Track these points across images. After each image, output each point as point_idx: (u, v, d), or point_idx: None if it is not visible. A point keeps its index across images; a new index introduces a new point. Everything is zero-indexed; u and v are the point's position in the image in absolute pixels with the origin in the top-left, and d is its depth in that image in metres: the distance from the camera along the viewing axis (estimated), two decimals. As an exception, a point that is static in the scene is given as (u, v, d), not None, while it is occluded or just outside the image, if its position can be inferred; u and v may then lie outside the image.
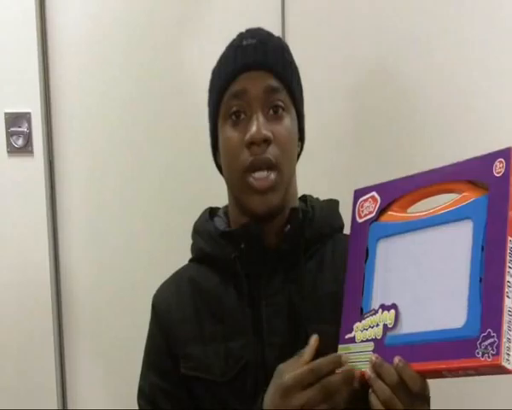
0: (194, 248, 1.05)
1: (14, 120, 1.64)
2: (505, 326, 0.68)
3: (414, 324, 0.78)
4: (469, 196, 0.78)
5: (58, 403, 1.70)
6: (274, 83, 0.93)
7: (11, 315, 1.69)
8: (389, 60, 1.50)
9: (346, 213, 1.03)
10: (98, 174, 1.66)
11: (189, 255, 1.06)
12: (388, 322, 0.80)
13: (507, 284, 0.70)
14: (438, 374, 0.74)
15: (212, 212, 1.06)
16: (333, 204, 1.05)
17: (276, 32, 1.26)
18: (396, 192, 0.87)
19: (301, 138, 1.01)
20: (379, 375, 0.76)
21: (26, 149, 1.65)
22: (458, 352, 0.71)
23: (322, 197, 1.07)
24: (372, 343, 0.80)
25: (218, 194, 1.06)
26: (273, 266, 0.95)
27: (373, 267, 0.85)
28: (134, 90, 1.62)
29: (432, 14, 1.47)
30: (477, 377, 1.48)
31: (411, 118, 1.50)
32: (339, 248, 0.99)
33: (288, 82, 0.95)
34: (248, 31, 0.98)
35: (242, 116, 0.93)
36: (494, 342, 0.68)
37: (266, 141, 0.91)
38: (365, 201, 0.90)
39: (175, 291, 1.02)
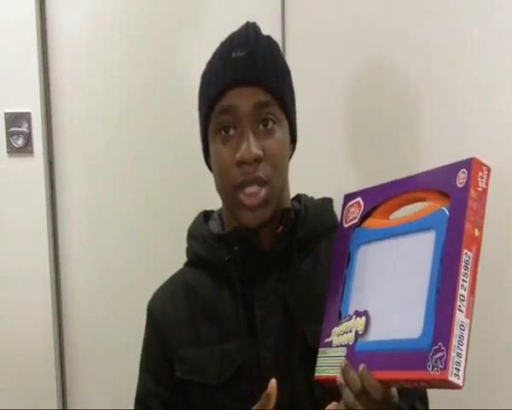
0: (188, 252, 1.05)
1: (14, 120, 1.64)
2: (455, 341, 0.68)
3: (380, 332, 0.78)
4: (435, 206, 0.78)
5: (58, 403, 1.70)
6: (264, 98, 0.91)
7: (11, 315, 1.69)
8: (389, 60, 1.50)
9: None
10: (98, 174, 1.66)
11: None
12: (359, 328, 0.80)
13: (459, 297, 0.69)
14: (397, 384, 0.75)
15: (206, 215, 1.06)
16: (326, 203, 1.04)
17: (276, 32, 1.28)
18: (377, 198, 0.87)
19: (293, 140, 0.99)
20: (345, 381, 0.77)
21: (26, 149, 1.65)
22: (413, 363, 0.71)
23: (319, 196, 1.07)
24: (345, 349, 0.81)
25: (218, 195, 1.06)
26: (267, 268, 0.95)
27: (353, 272, 0.86)
28: (134, 91, 1.62)
29: (431, 14, 1.47)
30: (477, 377, 1.48)
31: (411, 118, 1.50)
32: (333, 246, 0.98)
33: (280, 94, 0.93)
34: (239, 38, 0.95)
35: (232, 132, 0.91)
36: (443, 356, 0.68)
37: (257, 160, 0.90)
38: (351, 206, 0.91)
39: (169, 296, 1.02)
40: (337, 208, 1.03)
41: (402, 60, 1.49)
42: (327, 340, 0.85)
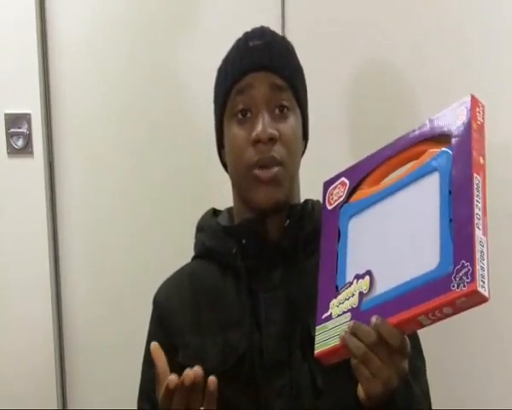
0: (196, 245, 1.06)
1: (14, 121, 1.64)
2: (478, 255, 0.69)
3: (388, 281, 0.77)
4: (434, 152, 0.79)
5: (58, 403, 1.70)
6: (279, 81, 0.95)
7: (11, 315, 1.69)
8: (390, 59, 1.50)
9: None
10: (98, 175, 1.66)
11: (189, 258, 1.07)
12: (363, 288, 0.79)
13: (476, 216, 0.71)
14: (416, 323, 0.73)
15: (215, 212, 1.08)
16: None
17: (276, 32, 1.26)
18: (364, 171, 0.88)
19: (305, 138, 1.03)
20: (358, 337, 0.75)
21: (26, 150, 1.65)
22: (433, 292, 0.71)
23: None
24: (349, 314, 0.79)
25: (219, 196, 1.06)
26: (273, 261, 0.97)
27: (345, 245, 0.85)
28: (134, 91, 1.62)
29: (432, 13, 1.47)
30: (476, 377, 1.48)
31: (411, 117, 1.50)
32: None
33: (293, 82, 0.97)
34: (254, 31, 1.00)
35: (248, 114, 0.95)
36: (468, 270, 0.68)
37: (272, 139, 0.92)
38: (334, 188, 0.90)
39: (175, 285, 1.04)
40: None
41: (402, 59, 1.49)
42: (325, 315, 0.82)
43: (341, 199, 0.89)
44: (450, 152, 0.77)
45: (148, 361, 1.03)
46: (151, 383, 0.99)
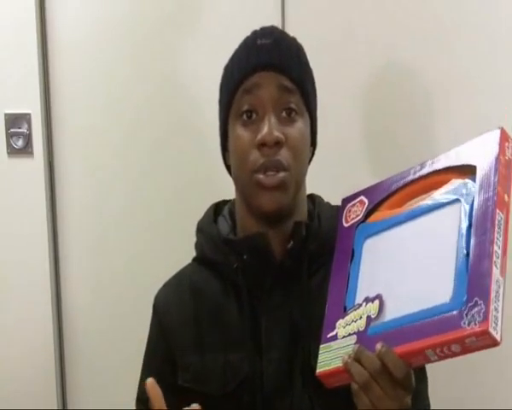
0: (197, 248, 1.03)
1: (14, 121, 1.64)
2: (493, 294, 0.66)
3: (398, 308, 0.75)
4: (457, 182, 0.77)
5: (58, 403, 1.70)
6: (288, 83, 0.91)
7: (11, 315, 1.69)
8: (390, 59, 1.50)
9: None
10: (98, 175, 1.66)
11: (190, 258, 1.06)
12: (372, 312, 0.77)
13: (495, 254, 0.68)
14: (422, 357, 0.71)
15: (217, 209, 1.04)
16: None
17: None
18: (384, 192, 0.86)
19: (313, 143, 0.99)
20: (360, 362, 0.73)
21: (26, 150, 1.64)
22: (443, 326, 0.68)
23: (330, 199, 1.04)
24: (354, 337, 0.78)
25: (220, 196, 1.05)
26: (275, 281, 0.93)
27: (358, 265, 0.84)
28: (134, 91, 1.62)
29: (431, 9, 1.46)
30: (477, 377, 1.48)
31: (412, 117, 1.50)
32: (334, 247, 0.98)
33: (302, 84, 0.93)
34: (263, 29, 0.96)
35: (254, 116, 0.90)
36: (481, 309, 0.66)
37: (278, 143, 0.88)
38: (353, 206, 0.89)
39: (176, 294, 1.01)
40: None
41: (404, 57, 1.49)
42: (330, 334, 0.81)
43: (358, 218, 0.87)
44: (475, 184, 0.74)
45: (147, 365, 1.03)
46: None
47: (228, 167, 1.00)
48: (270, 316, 0.92)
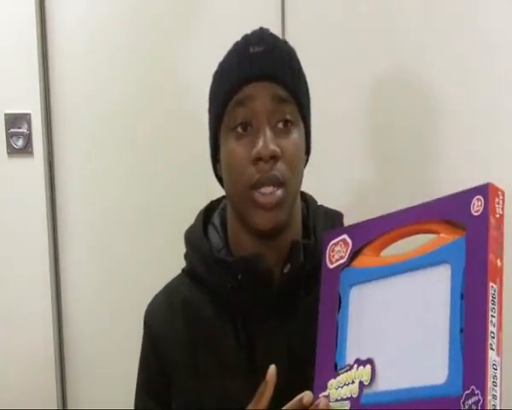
0: (187, 261, 0.99)
1: (14, 120, 1.64)
2: (490, 382, 0.63)
3: (391, 380, 0.72)
4: (446, 238, 0.72)
5: (58, 403, 1.70)
6: (282, 93, 0.87)
7: (11, 315, 1.69)
8: (390, 60, 1.50)
9: (349, 219, 1.02)
10: (98, 175, 1.66)
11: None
12: (364, 379, 0.73)
13: (490, 335, 0.64)
14: None
15: (206, 215, 1.00)
16: (336, 220, 0.97)
17: (276, 32, 1.26)
18: (368, 234, 0.81)
19: (307, 151, 0.95)
20: None
21: (26, 150, 1.65)
22: None
23: (329, 199, 1.02)
24: (348, 402, 0.74)
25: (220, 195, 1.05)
26: (271, 304, 0.89)
27: (346, 317, 0.80)
28: (134, 91, 1.62)
29: (432, 10, 1.46)
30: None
31: (412, 118, 1.50)
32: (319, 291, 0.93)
33: (297, 93, 0.89)
34: (254, 35, 0.91)
35: (248, 129, 0.86)
36: (478, 400, 0.62)
37: (274, 157, 0.84)
38: (336, 244, 0.84)
39: (168, 314, 0.96)
40: (347, 213, 1.00)
41: (404, 59, 1.49)
42: (323, 394, 0.77)
43: (343, 260, 0.82)
44: (464, 245, 0.69)
45: (143, 386, 0.99)
46: (143, 406, 0.98)
47: (219, 178, 0.96)
48: (266, 341, 0.89)
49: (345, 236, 0.83)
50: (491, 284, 0.66)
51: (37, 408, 1.68)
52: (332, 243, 0.84)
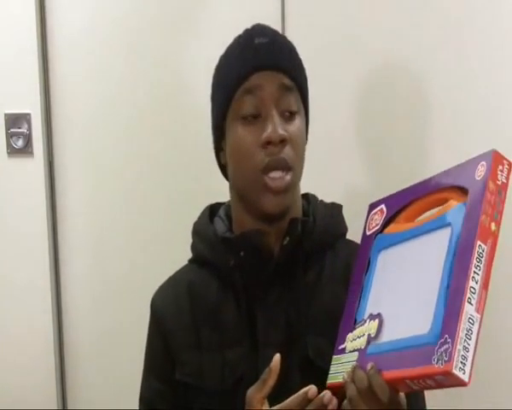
0: (193, 250, 1.04)
1: (14, 121, 1.64)
2: (462, 333, 0.65)
3: (391, 332, 0.76)
4: (454, 203, 0.76)
5: (58, 403, 1.70)
6: (287, 81, 0.92)
7: (11, 315, 1.69)
8: (390, 59, 1.50)
9: (349, 216, 1.03)
10: (98, 175, 1.66)
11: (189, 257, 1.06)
12: (372, 332, 0.78)
13: (470, 289, 0.67)
14: (405, 385, 0.72)
15: (212, 210, 1.05)
16: (335, 210, 1.02)
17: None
18: (399, 204, 0.86)
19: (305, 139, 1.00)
20: (353, 379, 0.76)
21: (26, 150, 1.65)
22: (419, 359, 0.68)
23: (325, 197, 1.05)
24: (357, 353, 0.79)
25: (221, 195, 1.05)
26: (271, 278, 0.94)
27: (371, 278, 0.85)
28: (134, 91, 1.62)
29: (431, 9, 1.46)
30: (477, 377, 1.48)
31: (412, 117, 1.50)
32: (339, 257, 0.98)
33: (300, 81, 0.94)
34: (256, 28, 0.96)
35: (256, 116, 0.91)
36: (448, 348, 0.65)
37: (283, 141, 0.89)
38: (375, 214, 0.89)
39: (173, 295, 1.01)
40: (345, 213, 1.03)
41: (403, 57, 1.48)
42: (341, 347, 0.83)
43: (377, 227, 0.87)
44: (465, 209, 0.72)
45: (148, 366, 1.03)
46: (151, 392, 1.00)
47: (221, 167, 1.00)
48: (267, 313, 0.93)
49: (382, 205, 0.89)
50: (478, 242, 0.68)
51: (37, 408, 1.68)
52: (373, 212, 0.90)
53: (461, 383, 0.65)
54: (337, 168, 1.53)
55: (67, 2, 1.63)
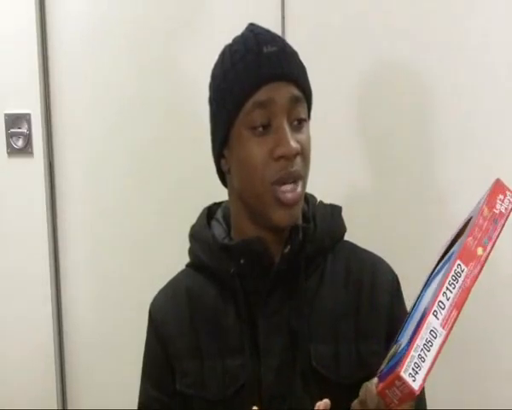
0: (191, 254, 1.02)
1: (14, 121, 1.64)
2: (420, 342, 0.65)
3: (400, 347, 0.76)
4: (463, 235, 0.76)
5: (58, 403, 1.70)
6: (297, 93, 0.90)
7: (10, 315, 1.69)
8: (390, 59, 1.50)
9: (349, 217, 1.03)
10: (98, 175, 1.66)
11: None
12: (390, 355, 0.78)
13: (438, 303, 0.66)
14: (387, 397, 0.71)
15: (210, 212, 1.04)
16: (335, 212, 1.01)
17: (276, 32, 1.27)
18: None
19: None
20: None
21: (26, 150, 1.65)
22: (392, 369, 0.69)
23: (324, 198, 1.04)
24: (377, 376, 0.79)
25: (221, 194, 1.05)
26: (272, 285, 0.93)
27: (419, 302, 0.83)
28: (134, 92, 1.62)
29: (431, 8, 1.46)
30: (477, 377, 1.48)
31: (411, 117, 1.50)
32: (339, 260, 0.98)
33: (307, 91, 0.93)
34: (264, 34, 0.94)
35: (267, 128, 0.89)
36: (403, 351, 0.65)
37: (296, 154, 0.89)
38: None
39: (172, 302, 0.99)
40: (345, 213, 1.02)
41: (404, 57, 1.48)
42: (381, 367, 0.81)
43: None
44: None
45: (147, 373, 1.02)
46: (150, 401, 0.99)
47: (221, 174, 0.99)
48: (268, 321, 0.92)
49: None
50: (458, 261, 0.67)
51: (37, 408, 1.68)
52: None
53: (409, 391, 0.64)
54: (338, 168, 1.53)
55: (67, 2, 1.63)
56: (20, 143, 1.65)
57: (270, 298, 0.93)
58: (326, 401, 0.78)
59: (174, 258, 1.06)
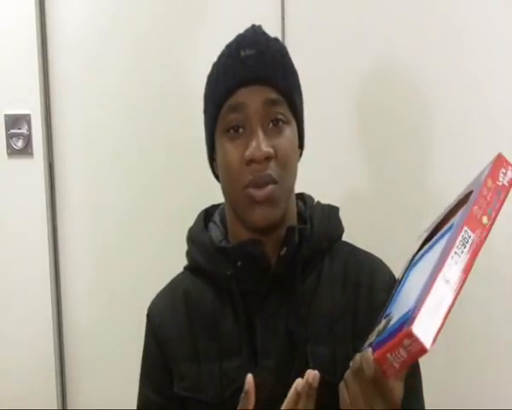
0: (189, 257, 1.03)
1: (14, 121, 1.64)
2: (430, 302, 0.66)
3: (395, 317, 0.77)
4: (461, 210, 0.77)
5: (58, 403, 1.70)
6: (274, 95, 0.90)
7: (11, 315, 1.69)
8: (390, 60, 1.50)
9: (347, 217, 1.03)
10: (98, 176, 1.66)
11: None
12: (380, 328, 0.79)
13: (447, 266, 0.68)
14: (388, 363, 0.72)
15: (207, 214, 1.04)
16: (333, 213, 1.01)
17: (276, 33, 1.27)
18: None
19: (301, 145, 0.98)
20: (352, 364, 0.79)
21: (26, 150, 1.65)
22: (396, 332, 0.70)
23: (322, 198, 1.05)
24: (369, 348, 0.79)
25: (221, 194, 1.05)
26: (269, 287, 0.93)
27: (408, 276, 0.85)
28: (134, 92, 1.62)
29: (431, 7, 1.46)
30: (477, 377, 1.48)
31: (411, 116, 1.50)
32: (336, 260, 0.98)
33: (289, 93, 0.92)
34: (246, 37, 0.94)
35: (241, 130, 0.90)
36: (415, 314, 0.66)
37: (267, 158, 0.88)
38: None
39: (169, 305, 1.00)
40: (344, 213, 1.03)
41: (402, 58, 1.49)
42: (369, 340, 0.83)
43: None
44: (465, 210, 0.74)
45: (145, 376, 1.02)
46: (149, 403, 0.99)
47: (216, 176, 1.00)
48: (266, 323, 0.92)
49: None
50: (465, 227, 0.69)
51: (37, 408, 1.68)
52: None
53: (421, 348, 0.65)
54: (335, 168, 1.53)
55: (67, 2, 1.63)
56: (20, 143, 1.65)
57: (267, 300, 0.93)
58: (315, 373, 0.77)
59: (174, 257, 1.06)
